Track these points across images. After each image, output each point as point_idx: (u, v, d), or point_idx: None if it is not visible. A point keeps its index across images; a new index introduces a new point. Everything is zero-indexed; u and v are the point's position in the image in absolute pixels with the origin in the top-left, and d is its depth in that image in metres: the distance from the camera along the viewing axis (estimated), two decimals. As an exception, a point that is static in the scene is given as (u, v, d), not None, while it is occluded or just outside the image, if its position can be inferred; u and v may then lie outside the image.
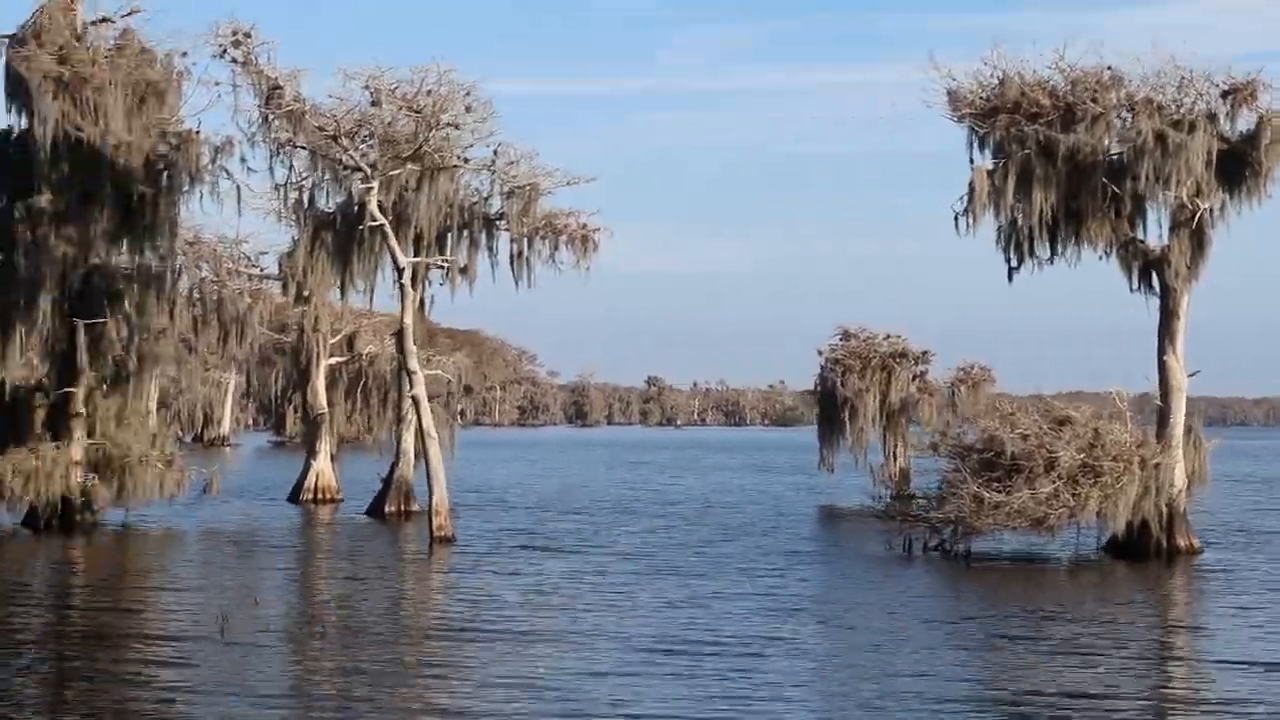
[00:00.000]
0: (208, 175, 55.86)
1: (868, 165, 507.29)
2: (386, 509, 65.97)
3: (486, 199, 63.23)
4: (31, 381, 59.48)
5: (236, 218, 74.59)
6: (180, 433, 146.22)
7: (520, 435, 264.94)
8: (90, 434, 57.80)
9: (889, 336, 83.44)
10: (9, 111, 56.52)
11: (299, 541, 57.18)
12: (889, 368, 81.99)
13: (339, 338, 76.02)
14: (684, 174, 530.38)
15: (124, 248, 57.50)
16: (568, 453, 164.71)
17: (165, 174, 55.76)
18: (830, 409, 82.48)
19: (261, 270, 73.83)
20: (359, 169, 54.47)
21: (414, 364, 53.65)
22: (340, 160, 54.41)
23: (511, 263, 63.86)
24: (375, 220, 54.29)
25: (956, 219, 52.38)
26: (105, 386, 58.07)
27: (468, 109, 53.07)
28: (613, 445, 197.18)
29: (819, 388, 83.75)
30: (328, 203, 61.63)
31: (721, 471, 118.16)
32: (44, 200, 55.47)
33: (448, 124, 53.34)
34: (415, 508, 66.52)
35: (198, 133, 55.16)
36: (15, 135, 57.57)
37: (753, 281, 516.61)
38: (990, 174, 51.58)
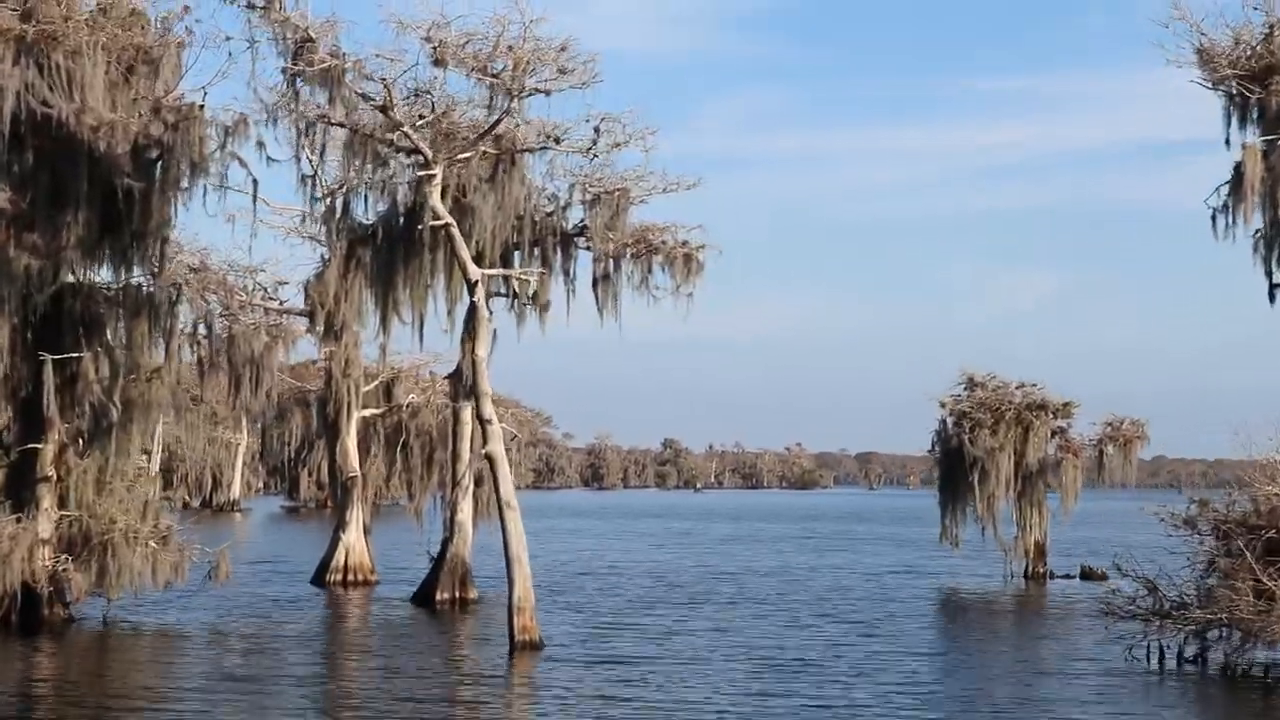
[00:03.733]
0: (214, 164, 42.64)
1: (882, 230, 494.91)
2: (438, 596, 52.62)
3: (565, 208, 50.19)
4: (-10, 435, 46.46)
5: (249, 237, 61.42)
6: (187, 497, 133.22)
7: (540, 500, 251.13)
8: (62, 503, 44.52)
9: (1022, 385, 70.00)
10: (-41, 86, 43.47)
11: (335, 643, 43.78)
12: (1025, 422, 68.59)
13: (373, 385, 62.65)
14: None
15: (105, 261, 44.20)
16: (609, 521, 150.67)
17: (159, 163, 42.57)
18: (955, 471, 68.95)
19: (281, 304, 60.65)
20: (416, 151, 41.22)
21: (489, 410, 40.23)
22: (390, 141, 41.16)
23: (595, 287, 50.82)
24: (439, 219, 41.04)
25: (1214, 216, 39.37)
26: (81, 441, 44.77)
27: (561, 71, 39.72)
28: (648, 512, 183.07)
29: (939, 446, 70.23)
30: (366, 212, 48.73)
31: (802, 546, 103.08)
32: (1, 199, 42.27)
33: (535, 90, 39.99)
34: (473, 595, 53.26)
35: (202, 107, 41.97)
36: (-33, 119, 44.52)
37: (770, 344, 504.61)
38: (1265, 155, 38.35)
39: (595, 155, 42.77)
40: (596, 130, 41.96)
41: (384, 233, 49.35)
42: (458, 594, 52.82)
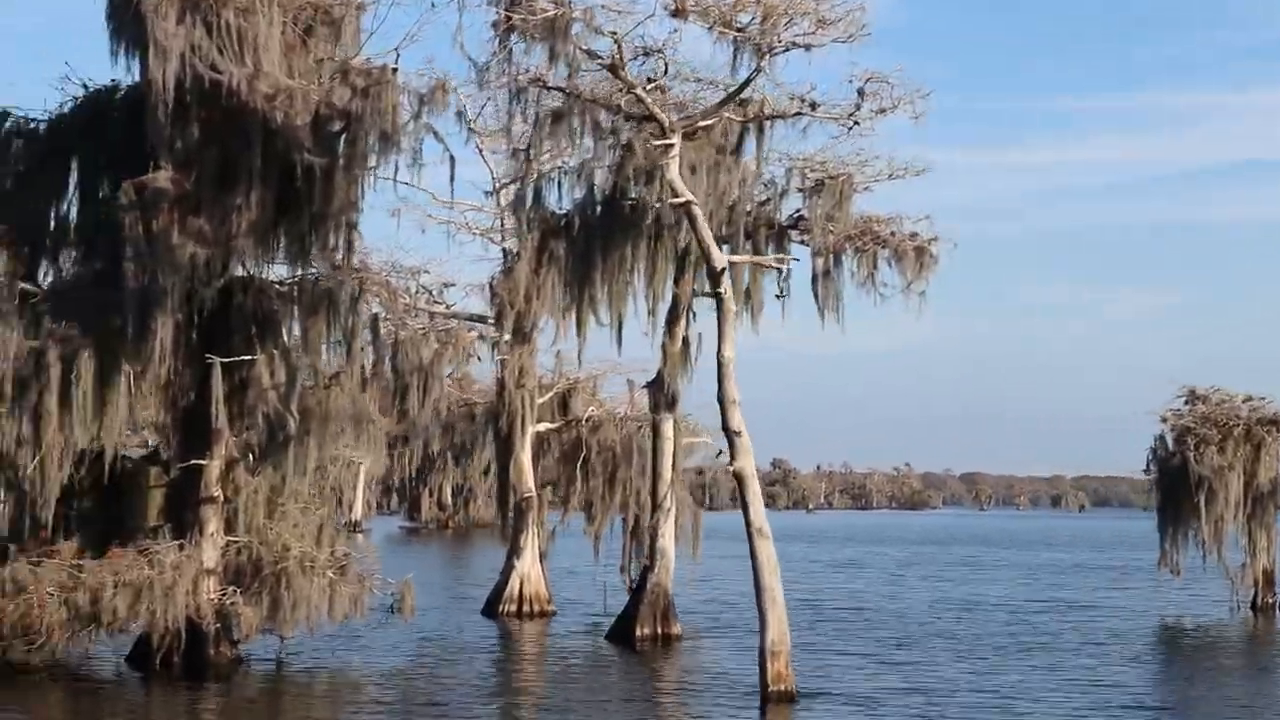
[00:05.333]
0: (407, 138, 37.01)
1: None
2: (638, 631, 46.66)
3: (782, 195, 44.39)
4: (144, 450, 40.92)
5: (420, 232, 56.31)
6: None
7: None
8: (229, 527, 38.95)
9: (1249, 398, 63.40)
10: (114, 56, 38.28)
11: (544, 693, 37.87)
12: (1256, 439, 62.00)
13: (548, 396, 56.87)
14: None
15: (280, 249, 38.66)
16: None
17: (343, 136, 36.91)
18: (1177, 492, 62.41)
19: (447, 307, 55.15)
20: (649, 118, 35.39)
21: (738, 420, 34.17)
22: (616, 107, 35.36)
23: (814, 284, 44.90)
24: (679, 197, 35.08)
25: None
26: (253, 457, 39.17)
27: (822, 22, 33.73)
28: (784, 535, 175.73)
29: (1155, 465, 63.73)
30: (559, 201, 43.20)
31: (1010, 574, 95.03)
32: (162, 179, 36.80)
33: (791, 44, 34.05)
34: (676, 630, 47.31)
35: (395, 70, 36.30)
36: (124, 92, 39.24)
37: (868, 360, 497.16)
38: None
39: (857, 123, 36.66)
40: (860, 93, 35.90)
41: (580, 220, 43.87)
42: (660, 629, 46.92)
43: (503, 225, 55.88)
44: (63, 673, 37.96)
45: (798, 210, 46.24)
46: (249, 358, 37.82)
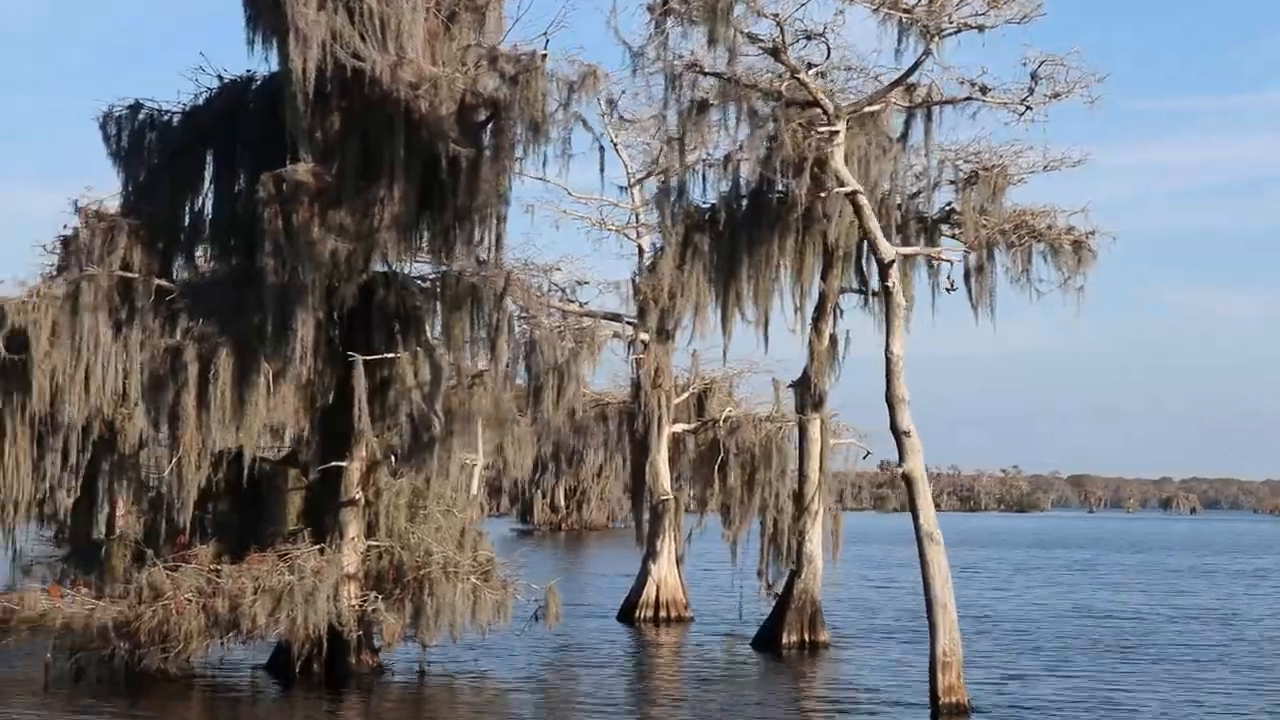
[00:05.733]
0: (555, 127, 35.57)
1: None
2: (784, 639, 45.05)
3: (935, 187, 42.69)
4: (282, 451, 39.79)
5: (553, 229, 55.12)
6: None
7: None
8: (370, 531, 37.68)
9: None
10: (250, 45, 36.98)
11: (697, 703, 36.36)
12: None
13: (684, 396, 55.37)
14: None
15: (422, 244, 37.34)
16: (876, 547, 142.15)
17: (490, 126, 35.50)
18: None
19: (581, 305, 53.76)
20: (811, 104, 33.80)
21: (907, 420, 32.48)
22: (776, 94, 33.78)
23: (966, 280, 43.11)
24: (845, 185, 33.46)
25: None
26: (395, 458, 37.87)
27: (994, 1, 31.98)
28: (902, 539, 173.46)
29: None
30: (704, 195, 41.75)
31: (1149, 578, 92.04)
32: (302, 171, 35.49)
33: (962, 26, 32.36)
34: (824, 637, 45.68)
35: (544, 56, 34.85)
36: (260, 82, 38.08)
37: (972, 361, 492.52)
38: None
39: (1029, 108, 34.86)
40: (1034, 77, 34.10)
41: (726, 214, 42.40)
42: (807, 636, 45.29)
43: (638, 220, 54.53)
44: (199, 680, 36.88)
45: (949, 203, 44.61)
46: (392, 355, 36.49)
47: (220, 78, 38.49)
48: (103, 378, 37.62)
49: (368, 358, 36.19)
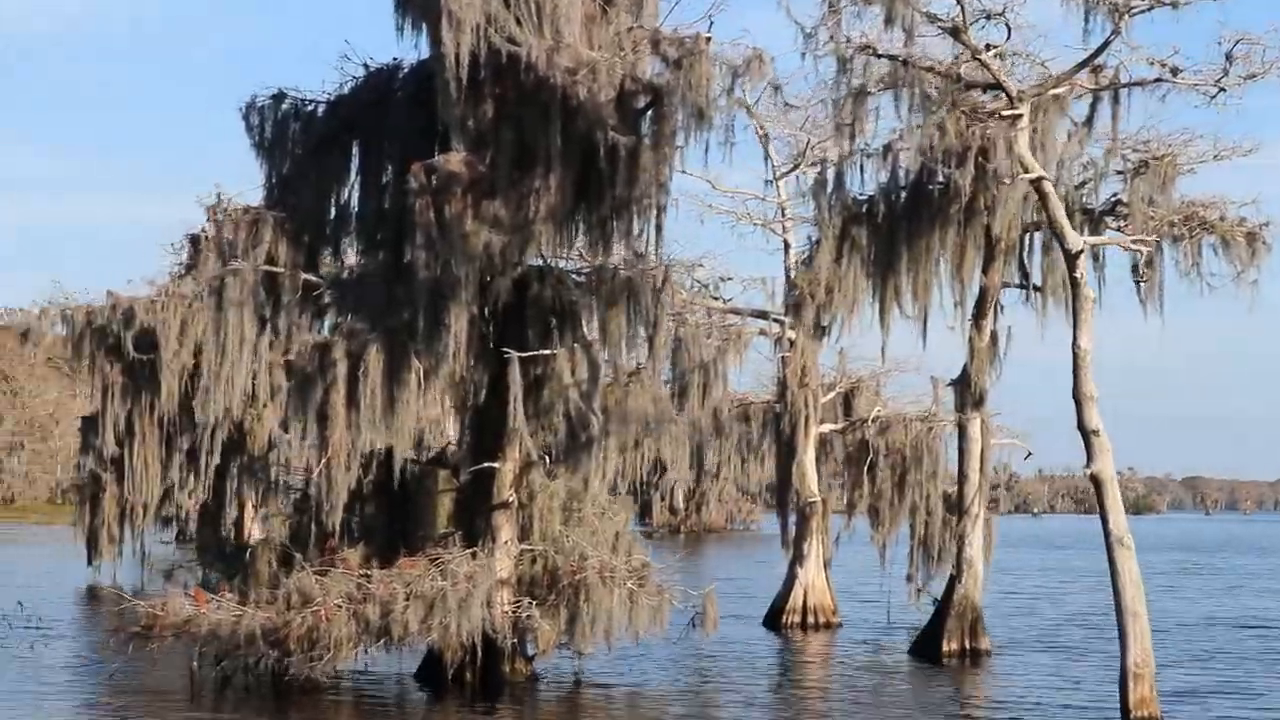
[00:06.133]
0: (719, 114, 34.03)
1: None
2: (945, 646, 43.31)
3: (1102, 177, 40.88)
4: (430, 452, 38.54)
5: (697, 224, 53.89)
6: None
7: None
8: (523, 535, 36.31)
9: None
10: (399, 31, 35.73)
11: (870, 713, 34.72)
12: None
13: (830, 396, 53.73)
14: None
15: (577, 237, 35.93)
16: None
17: (650, 113, 34.01)
18: None
19: (724, 302, 52.24)
20: (993, 86, 32.12)
21: (1095, 418, 30.71)
22: (954, 76, 32.11)
23: (1134, 274, 41.22)
24: (1030, 171, 31.75)
25: None
26: (548, 459, 36.46)
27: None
28: (1031, 542, 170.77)
29: None
30: (860, 187, 40.17)
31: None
32: (454, 161, 34.09)
33: (1153, 3, 30.53)
34: (985, 645, 43.92)
35: (709, 39, 33.32)
36: (408, 70, 36.82)
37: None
38: None
39: (1222, 89, 32.98)
40: (1228, 57, 32.23)
41: (884, 206, 40.82)
42: (968, 644, 43.53)
43: (783, 215, 53.01)
44: (346, 689, 35.67)
45: (1115, 194, 42.86)
46: (548, 352, 35.08)
47: (366, 66, 37.23)
48: (246, 376, 36.30)
49: (523, 355, 34.76)
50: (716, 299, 52.42)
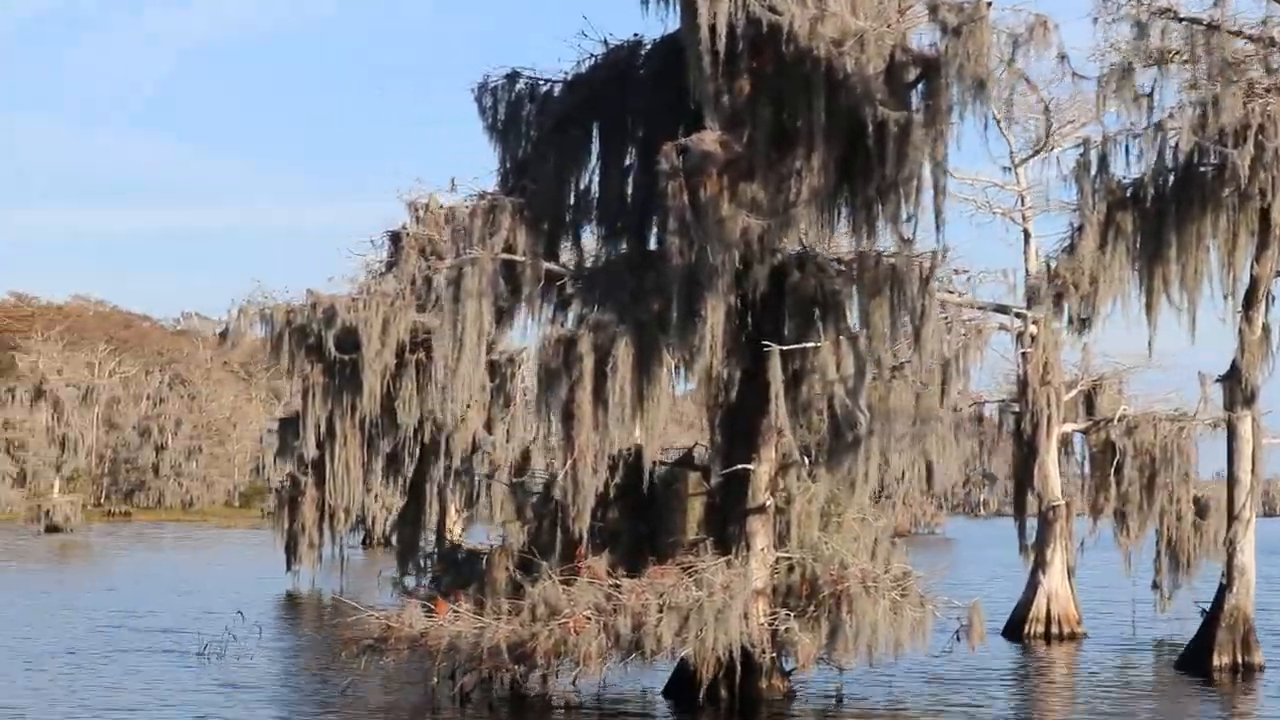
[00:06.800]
0: (997, 87, 31.40)
1: None
2: (1216, 660, 40.30)
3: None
4: (679, 453, 36.20)
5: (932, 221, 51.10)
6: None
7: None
8: (780, 541, 33.86)
9: None
10: (644, 4, 33.52)
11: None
12: None
13: (1072, 394, 50.82)
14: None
15: (839, 221, 33.43)
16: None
17: (922, 86, 31.44)
18: None
19: (959, 295, 49.25)
20: (1313, 47, 29.23)
21: None
22: (1270, 39, 29.28)
23: None
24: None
25: None
26: (807, 460, 33.97)
27: None
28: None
29: None
30: (1126, 166, 37.37)
31: None
32: (708, 140, 31.71)
33: None
34: (1259, 659, 40.83)
35: (989, 4, 30.67)
36: (652, 45, 34.58)
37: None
38: None
39: None
40: None
41: (1154, 192, 37.94)
42: (1240, 658, 40.48)
43: (1023, 204, 50.24)
44: (591, 706, 33.43)
45: None
46: (812, 345, 32.59)
47: (605, 43, 35.03)
48: (484, 371, 34.18)
49: (785, 347, 32.33)
50: (951, 292, 49.64)
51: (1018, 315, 46.21)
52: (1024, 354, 48.43)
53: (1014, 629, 49.62)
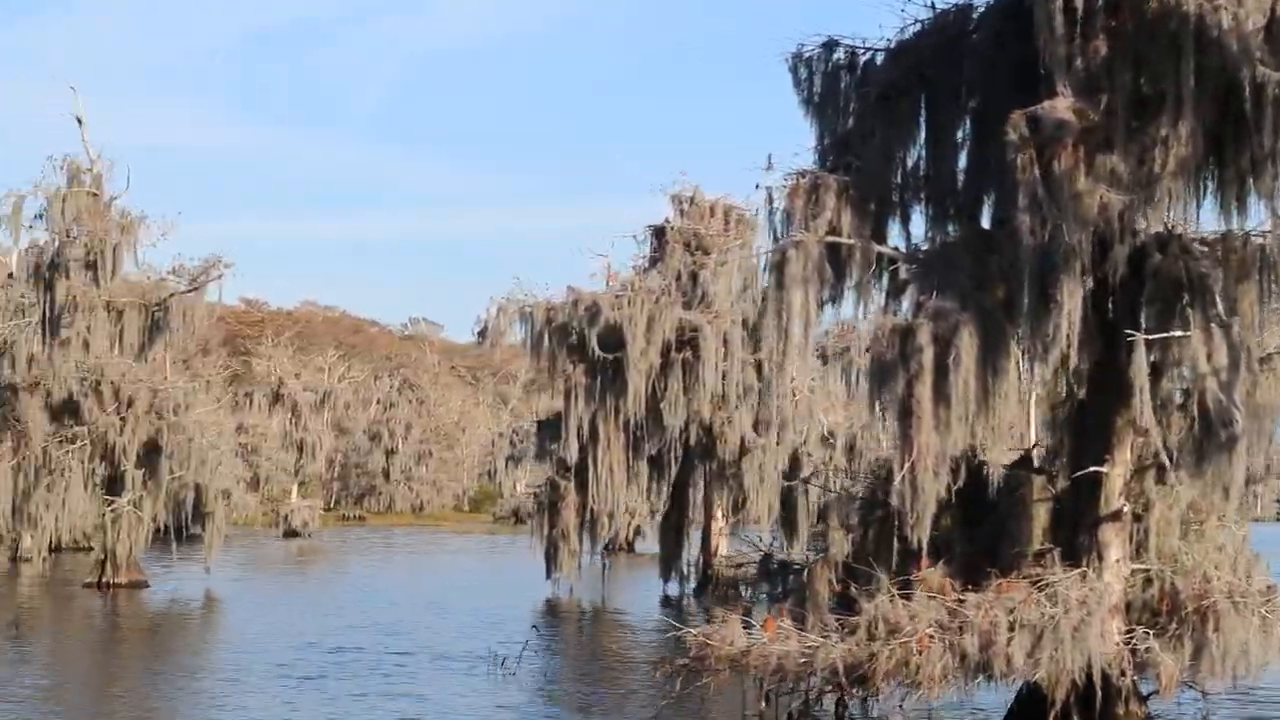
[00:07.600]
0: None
1: None
2: None
3: None
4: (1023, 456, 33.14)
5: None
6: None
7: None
8: (1137, 551, 30.62)
9: None
10: (977, -37, 30.48)
11: None
12: None
13: None
14: None
15: (1205, 196, 30.10)
16: None
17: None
18: None
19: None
20: None
21: None
22: None
23: None
24: None
25: None
26: (1168, 462, 30.64)
27: None
28: None
29: None
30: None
31: None
32: (1061, 108, 28.59)
33: None
34: None
35: (1392, -53, 27.20)
36: (985, 8, 31.67)
37: None
38: None
39: None
40: None
41: None
42: None
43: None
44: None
45: None
46: (1180, 334, 29.30)
47: (933, 6, 32.10)
48: (811, 364, 31.34)
49: (1150, 336, 29.10)
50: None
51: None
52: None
53: None
